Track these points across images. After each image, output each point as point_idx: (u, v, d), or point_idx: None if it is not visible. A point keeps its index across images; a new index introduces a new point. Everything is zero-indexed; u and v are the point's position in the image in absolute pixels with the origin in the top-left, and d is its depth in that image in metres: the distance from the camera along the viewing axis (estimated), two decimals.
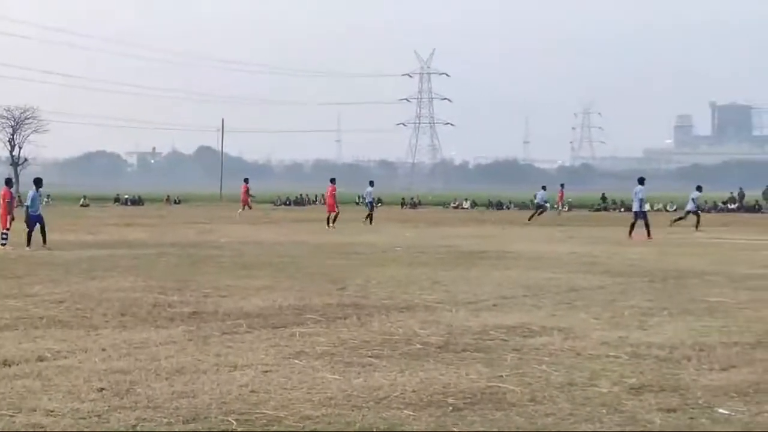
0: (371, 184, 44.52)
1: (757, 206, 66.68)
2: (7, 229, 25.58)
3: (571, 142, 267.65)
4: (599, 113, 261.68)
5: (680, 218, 40.89)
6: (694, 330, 11.55)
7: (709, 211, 64.71)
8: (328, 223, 38.44)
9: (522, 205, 76.09)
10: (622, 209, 68.72)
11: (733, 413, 7.39)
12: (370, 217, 41.68)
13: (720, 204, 68.21)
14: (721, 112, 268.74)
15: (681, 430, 6.96)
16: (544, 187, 53.82)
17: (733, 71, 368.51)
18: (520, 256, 23.26)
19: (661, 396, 7.96)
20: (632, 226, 31.97)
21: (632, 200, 33.26)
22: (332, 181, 40.43)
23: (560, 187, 61.24)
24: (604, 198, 75.38)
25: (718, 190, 77.05)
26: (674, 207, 67.96)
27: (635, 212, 32.55)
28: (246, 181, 49.69)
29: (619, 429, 6.95)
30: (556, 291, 15.78)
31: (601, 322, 12.26)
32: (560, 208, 60.18)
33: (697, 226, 36.67)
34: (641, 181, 32.95)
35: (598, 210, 69.73)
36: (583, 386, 8.35)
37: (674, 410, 7.46)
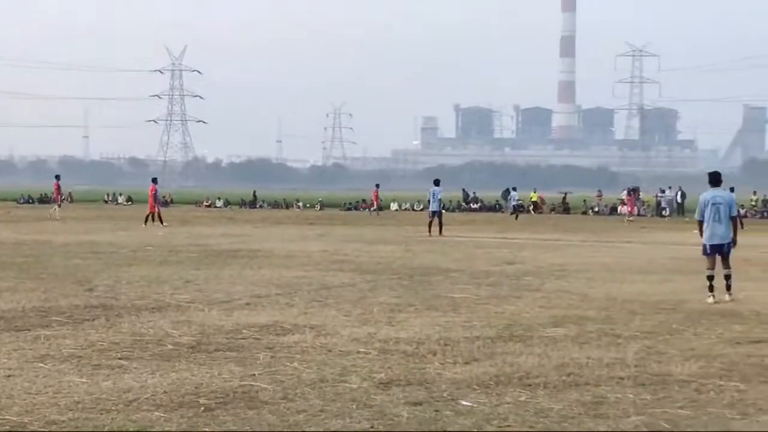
0: (437, 183, 35.98)
1: (497, 205, 69.76)
2: None
3: (323, 142, 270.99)
4: (350, 114, 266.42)
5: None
6: (439, 325, 12.00)
7: (453, 210, 67.26)
8: (145, 222, 38.58)
9: (275, 204, 76.33)
10: (369, 208, 70.18)
11: (475, 405, 7.74)
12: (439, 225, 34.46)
13: (462, 204, 70.88)
14: (464, 115, 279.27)
15: (430, 429, 7.21)
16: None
17: (476, 75, 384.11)
18: (272, 255, 23.36)
19: (408, 390, 8.23)
20: (431, 224, 33.92)
21: (425, 200, 34.74)
22: (154, 180, 40.75)
23: (375, 188, 62.22)
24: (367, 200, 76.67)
25: (458, 190, 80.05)
26: (421, 206, 70.11)
27: (433, 211, 34.45)
28: None
29: (368, 423, 7.14)
30: (308, 289, 15.96)
31: (352, 318, 12.53)
32: (374, 208, 61.34)
33: (441, 227, 37.84)
34: (437, 182, 35.07)
35: (349, 209, 70.89)
36: (333, 382, 8.52)
37: (420, 403, 7.74)
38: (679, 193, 62.87)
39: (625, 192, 66.99)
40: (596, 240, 32.79)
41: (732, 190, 49.40)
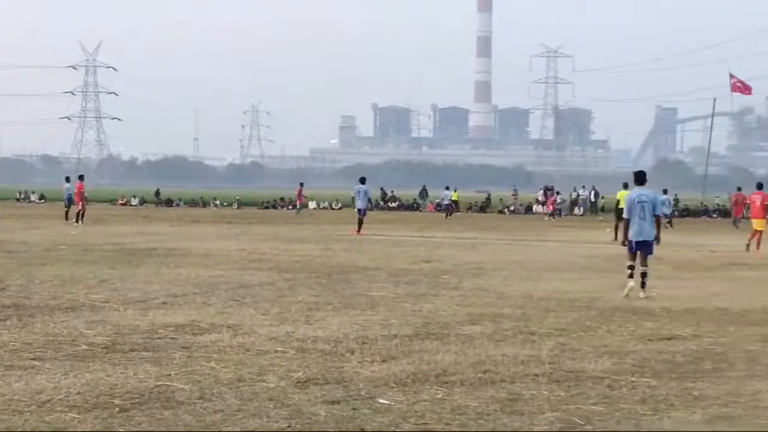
0: (362, 181, 37.24)
1: (415, 204, 70.11)
2: None
3: (240, 141, 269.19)
4: (268, 112, 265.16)
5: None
6: (357, 324, 12.03)
7: (371, 209, 67.35)
8: (77, 220, 38.72)
9: (191, 203, 75.65)
10: (290, 207, 70.05)
11: (392, 403, 7.79)
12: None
13: (380, 202, 71.08)
14: (382, 114, 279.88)
15: (347, 428, 7.23)
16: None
17: (394, 75, 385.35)
18: (189, 254, 23.15)
19: (326, 388, 8.25)
20: (360, 222, 34.46)
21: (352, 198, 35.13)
22: (80, 177, 41.44)
23: (299, 186, 62.17)
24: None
25: (376, 189, 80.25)
26: (339, 205, 70.21)
27: (359, 209, 35.04)
28: None
29: (285, 422, 7.13)
30: (225, 288, 15.86)
31: (270, 317, 12.49)
32: (299, 207, 61.36)
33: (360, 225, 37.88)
34: (362, 180, 35.75)
35: (267, 208, 70.59)
36: (251, 382, 8.49)
37: (338, 402, 7.76)
38: (593, 192, 63.95)
39: (542, 191, 68.01)
40: (512, 239, 33.17)
41: (665, 191, 50.73)
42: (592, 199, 63.44)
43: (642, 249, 15.84)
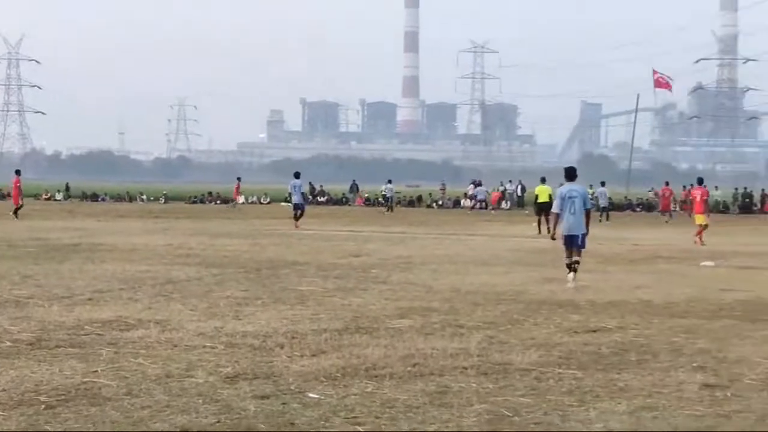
0: (297, 176, 37.85)
1: (344, 199, 70.10)
2: None
3: (167, 134, 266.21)
4: (195, 106, 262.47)
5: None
6: (286, 318, 12.01)
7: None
8: (15, 215, 38.93)
9: (117, 198, 74.73)
10: (218, 201, 69.68)
11: (322, 397, 7.79)
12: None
13: (309, 197, 70.97)
14: (310, 109, 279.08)
15: (277, 423, 7.22)
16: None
17: (322, 69, 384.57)
18: (115, 249, 22.88)
19: (255, 383, 8.22)
20: (296, 217, 34.70)
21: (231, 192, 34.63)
22: (17, 172, 41.22)
23: (237, 181, 61.90)
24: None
25: (306, 183, 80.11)
26: (268, 200, 69.93)
27: (296, 204, 35.51)
28: None
29: (214, 418, 7.10)
30: (152, 283, 15.71)
31: (198, 313, 12.40)
32: (235, 202, 61.09)
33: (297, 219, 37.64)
34: (297, 175, 36.51)
35: (194, 202, 70.03)
36: (179, 377, 8.43)
37: (268, 397, 7.75)
38: (519, 187, 64.56)
39: (471, 185, 68.49)
40: (441, 233, 33.35)
41: (603, 184, 51.36)
42: (519, 194, 64.02)
43: (572, 242, 16.27)
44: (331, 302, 13.69)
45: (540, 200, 33.80)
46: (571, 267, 16.19)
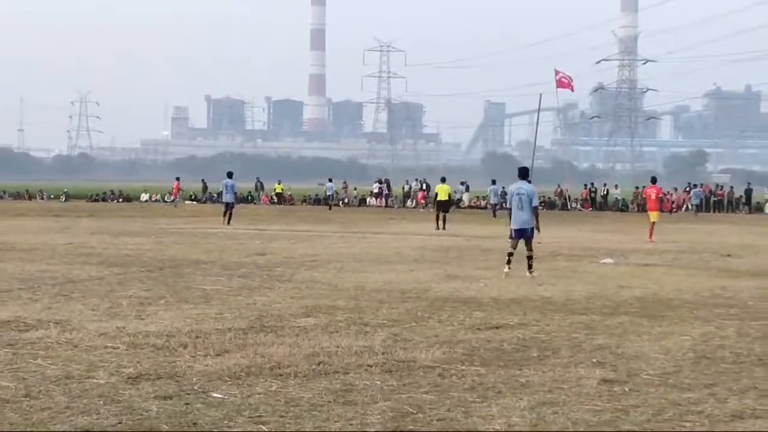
0: (230, 175, 38.53)
1: (249, 197, 69.66)
2: None
3: (68, 131, 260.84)
4: (97, 103, 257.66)
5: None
6: (190, 317, 11.91)
7: (205, 202, 66.73)
8: None
9: (16, 195, 73.07)
10: (121, 200, 68.76)
11: (226, 396, 7.75)
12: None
13: (214, 195, 70.39)
14: (216, 106, 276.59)
15: (180, 423, 7.16)
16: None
17: (227, 66, 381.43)
18: (13, 248, 22.39)
19: (158, 384, 8.14)
20: (226, 214, 35.36)
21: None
22: None
23: (176, 180, 61.15)
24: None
25: (214, 182, 79.41)
26: (171, 198, 69.09)
27: (227, 202, 36.39)
28: None
29: (116, 419, 7.01)
30: (52, 283, 15.42)
31: (99, 313, 12.22)
32: (176, 200, 60.25)
33: (230, 218, 37.02)
34: (230, 175, 37.20)
35: (96, 200, 68.86)
36: (80, 378, 8.30)
37: (170, 397, 7.67)
38: (425, 185, 64.96)
39: (377, 184, 68.78)
40: (346, 231, 33.39)
41: (494, 182, 52.22)
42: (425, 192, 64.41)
43: (521, 236, 17.74)
44: (235, 301, 13.61)
45: (439, 198, 35.64)
46: (511, 259, 17.57)
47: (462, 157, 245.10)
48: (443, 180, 37.99)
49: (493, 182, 53.61)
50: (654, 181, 32.64)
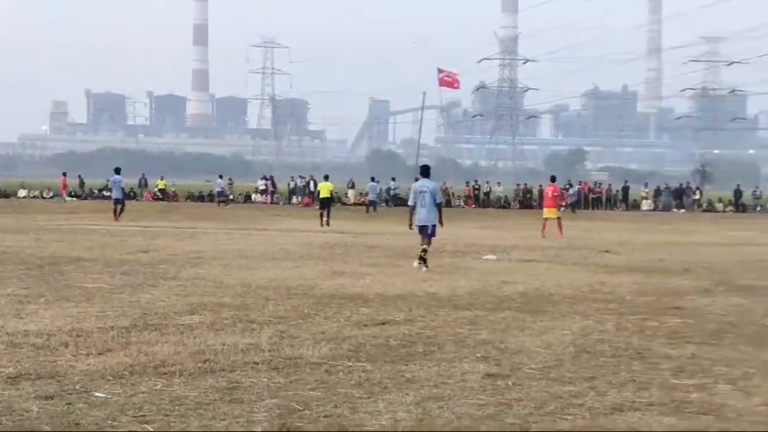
0: (117, 171, 37.72)
1: (131, 193, 68.46)
2: None
3: None
4: None
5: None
6: (71, 316, 11.67)
7: (86, 198, 65.36)
8: None
9: None
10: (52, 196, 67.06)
11: (109, 396, 7.63)
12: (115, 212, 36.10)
13: (95, 191, 69.02)
14: (96, 101, 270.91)
15: (62, 423, 7.02)
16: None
17: (108, 61, 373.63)
18: None
19: (38, 384, 7.96)
20: (116, 211, 35.09)
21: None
22: None
23: (63, 176, 59.74)
24: None
25: (95, 178, 77.90)
26: (51, 194, 67.50)
27: (116, 199, 36.20)
28: None
29: None
30: None
31: None
32: (64, 197, 58.70)
33: (118, 213, 36.32)
34: (117, 171, 36.78)
35: None
36: None
37: (52, 397, 7.52)
38: (311, 182, 64.92)
39: (262, 180, 68.48)
40: (232, 227, 33.14)
41: (373, 179, 52.49)
42: (312, 189, 64.37)
43: (424, 232, 18.38)
44: (118, 299, 13.39)
45: (322, 195, 36.89)
46: (426, 251, 18.23)
47: (347, 154, 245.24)
48: (326, 178, 39.06)
49: (373, 179, 54.04)
50: (553, 179, 33.39)
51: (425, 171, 19.20)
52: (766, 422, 7.26)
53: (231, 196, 65.94)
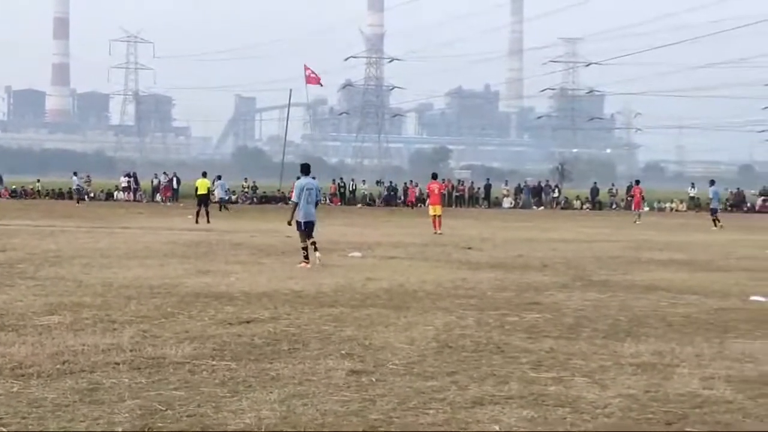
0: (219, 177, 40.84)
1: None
2: None
3: None
4: None
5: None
6: None
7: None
8: None
9: None
10: None
11: None
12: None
13: None
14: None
15: None
16: (75, 173, 60.19)
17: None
18: None
19: None
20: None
21: None
22: None
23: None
24: None
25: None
26: None
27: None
28: None
29: None
30: None
31: None
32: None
33: None
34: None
35: None
36: None
37: None
38: (175, 179, 64.06)
39: (124, 178, 67.27)
40: (93, 226, 32.44)
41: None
42: (175, 186, 63.54)
43: (309, 228, 18.90)
44: None
45: (199, 192, 37.41)
46: (307, 249, 18.67)
47: (213, 151, 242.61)
48: (204, 175, 39.62)
49: (219, 177, 53.38)
50: (435, 176, 34.47)
51: (306, 169, 19.49)
52: (620, 414, 7.53)
53: (92, 194, 64.47)
